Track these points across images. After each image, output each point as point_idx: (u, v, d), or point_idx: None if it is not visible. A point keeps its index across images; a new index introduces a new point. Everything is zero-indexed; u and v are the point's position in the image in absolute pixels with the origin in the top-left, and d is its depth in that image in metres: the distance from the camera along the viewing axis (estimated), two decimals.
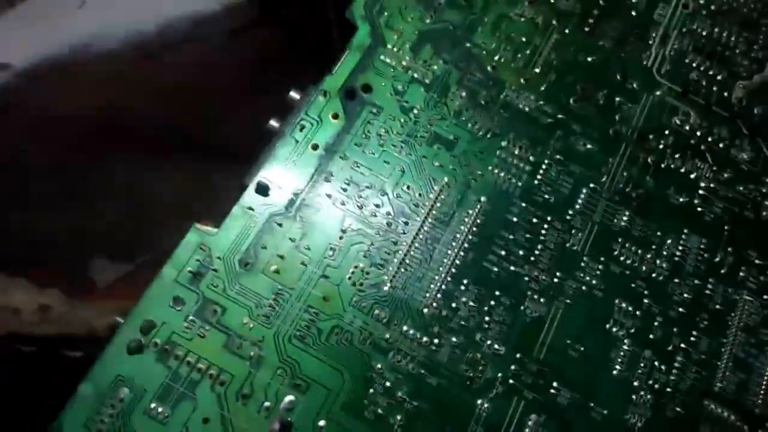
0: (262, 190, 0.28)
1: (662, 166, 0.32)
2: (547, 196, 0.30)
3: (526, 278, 0.28)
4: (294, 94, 0.31)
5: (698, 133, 0.33)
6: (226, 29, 0.46)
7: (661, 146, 0.32)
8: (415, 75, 0.31)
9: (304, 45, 0.45)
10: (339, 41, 0.35)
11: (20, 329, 0.33)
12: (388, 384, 0.26)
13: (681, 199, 0.31)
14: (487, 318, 0.27)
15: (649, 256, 0.30)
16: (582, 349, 0.27)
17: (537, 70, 0.33)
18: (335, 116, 0.30)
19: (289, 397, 0.25)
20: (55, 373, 0.35)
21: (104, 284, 0.37)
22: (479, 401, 0.26)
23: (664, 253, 0.30)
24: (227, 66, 0.46)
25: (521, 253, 0.29)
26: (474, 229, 0.29)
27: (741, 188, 0.32)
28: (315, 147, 0.29)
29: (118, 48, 0.43)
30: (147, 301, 0.25)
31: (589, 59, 0.34)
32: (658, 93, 0.34)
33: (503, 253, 0.29)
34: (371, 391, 0.25)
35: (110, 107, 0.43)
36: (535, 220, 0.30)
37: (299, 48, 0.46)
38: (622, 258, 0.30)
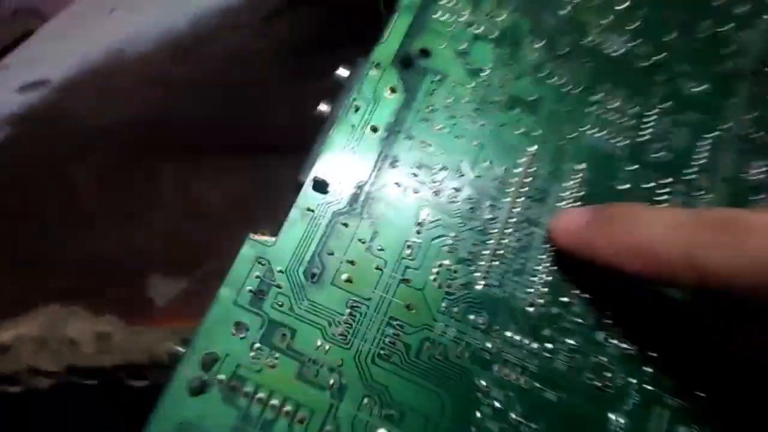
0: (321, 186, 0.24)
1: None
2: (661, 153, 0.25)
3: None
4: (342, 72, 0.27)
5: None
6: (259, 15, 0.44)
7: None
8: (479, 30, 0.27)
9: (344, 22, 0.42)
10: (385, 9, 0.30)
11: (79, 362, 0.31)
12: (497, 404, 0.21)
13: None
14: (609, 311, 0.22)
15: None
16: None
17: (622, 6, 0.27)
18: (393, 90, 0.25)
19: (381, 431, 0.20)
20: (121, 405, 0.33)
21: (163, 302, 0.34)
22: (612, 416, 0.21)
23: None
24: (265, 53, 0.44)
25: None
26: (577, 204, 0.24)
27: None
28: (374, 129, 0.25)
29: (152, 49, 0.41)
30: (206, 330, 0.22)
31: None
32: None
33: None
34: (478, 414, 0.21)
35: (149, 111, 0.43)
36: (651, 185, 0.24)
37: (339, 25, 0.42)
38: None
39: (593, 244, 0.21)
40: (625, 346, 0.22)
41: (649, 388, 0.21)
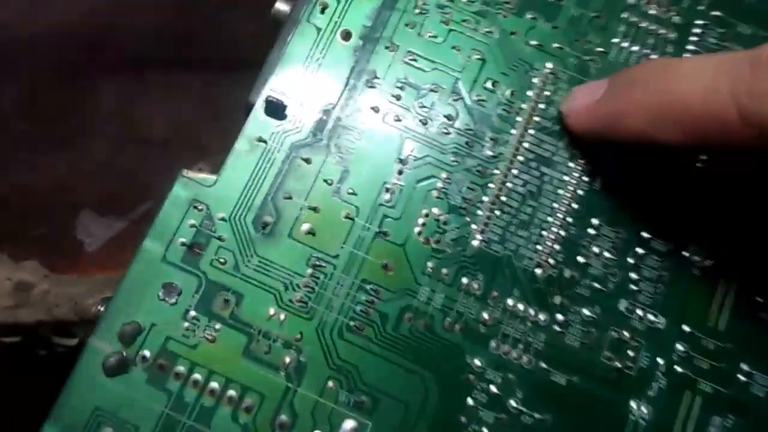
0: (276, 109, 0.18)
1: None
2: None
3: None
4: None
5: None
6: None
7: None
8: None
9: None
10: None
11: None
12: (493, 389, 0.17)
13: None
14: (633, 275, 0.18)
15: None
16: None
17: None
18: None
19: (350, 423, 0.16)
20: (48, 366, 0.29)
21: (94, 246, 0.29)
22: (633, 403, 0.17)
23: None
24: None
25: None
26: None
27: None
28: (347, 36, 0.19)
29: None
30: (126, 293, 0.17)
31: None
32: None
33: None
34: (470, 401, 0.17)
35: (90, 20, 0.37)
36: None
37: None
38: None
39: (618, 114, 0.16)
40: (652, 317, 0.18)
41: (680, 370, 0.17)
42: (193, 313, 0.17)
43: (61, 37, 0.37)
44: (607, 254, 0.18)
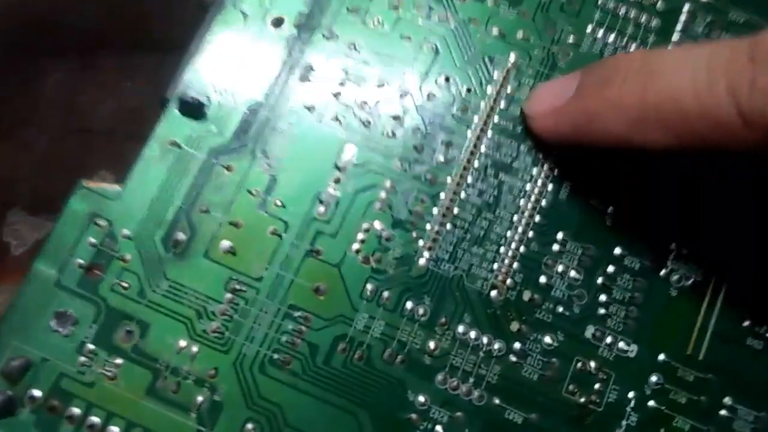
0: (192, 109, 0.16)
1: None
2: None
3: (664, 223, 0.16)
4: None
5: None
6: None
7: None
8: None
9: None
10: None
11: None
12: (439, 429, 0.15)
13: None
14: (602, 297, 0.16)
15: None
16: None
17: None
18: None
19: None
20: None
21: (22, 249, 0.27)
22: None
23: None
24: None
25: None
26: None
27: None
28: (278, 23, 0.17)
29: None
30: (13, 323, 0.15)
31: None
32: None
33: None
34: None
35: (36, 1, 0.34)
36: None
37: None
38: None
39: (591, 115, 0.14)
40: (623, 345, 0.16)
41: (653, 404, 0.15)
42: (90, 345, 0.15)
43: (6, 18, 0.35)
44: (573, 273, 0.16)
